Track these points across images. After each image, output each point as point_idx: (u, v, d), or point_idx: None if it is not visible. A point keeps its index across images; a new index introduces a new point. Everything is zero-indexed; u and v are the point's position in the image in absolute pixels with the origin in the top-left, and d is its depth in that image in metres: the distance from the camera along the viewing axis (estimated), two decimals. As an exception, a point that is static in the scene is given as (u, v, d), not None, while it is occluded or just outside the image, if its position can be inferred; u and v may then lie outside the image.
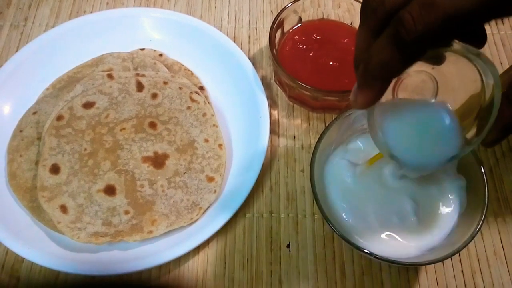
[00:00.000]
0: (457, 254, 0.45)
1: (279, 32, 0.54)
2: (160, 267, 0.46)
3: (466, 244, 0.39)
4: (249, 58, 0.55)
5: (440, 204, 0.43)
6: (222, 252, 0.47)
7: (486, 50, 0.60)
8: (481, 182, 0.41)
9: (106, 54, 0.57)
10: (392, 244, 0.41)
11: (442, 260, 0.39)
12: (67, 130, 0.49)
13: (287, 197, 0.50)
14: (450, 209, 0.43)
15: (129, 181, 0.48)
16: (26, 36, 0.61)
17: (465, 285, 0.46)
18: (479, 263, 0.47)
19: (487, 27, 0.60)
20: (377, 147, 0.39)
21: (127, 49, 0.57)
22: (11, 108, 0.53)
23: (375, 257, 0.39)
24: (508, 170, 0.52)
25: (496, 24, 0.62)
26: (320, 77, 0.51)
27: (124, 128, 0.50)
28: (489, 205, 0.40)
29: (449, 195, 0.43)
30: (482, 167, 0.41)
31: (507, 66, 0.55)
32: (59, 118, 0.50)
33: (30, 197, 0.47)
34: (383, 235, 0.42)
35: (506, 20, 0.62)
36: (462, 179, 0.43)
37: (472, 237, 0.39)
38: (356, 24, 0.55)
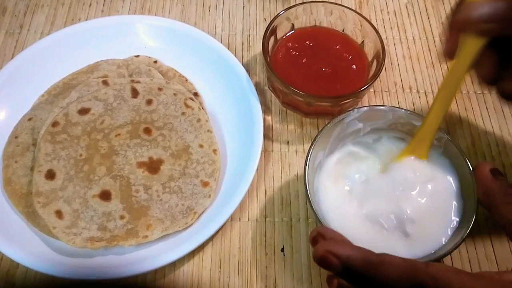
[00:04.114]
0: (449, 256, 0.45)
1: (272, 39, 0.55)
2: (155, 272, 0.46)
3: (457, 246, 0.39)
4: (243, 65, 0.56)
5: (434, 206, 0.44)
6: (217, 257, 0.47)
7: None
8: (471, 186, 0.42)
9: (101, 61, 0.57)
10: (384, 246, 0.42)
11: (434, 262, 0.39)
12: (62, 136, 0.50)
13: (281, 201, 0.51)
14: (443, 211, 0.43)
15: (124, 186, 0.48)
16: (21, 43, 0.61)
17: (456, 287, 0.46)
18: (470, 265, 0.47)
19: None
20: None
21: (122, 56, 0.58)
22: (6, 115, 0.53)
23: (368, 259, 0.39)
24: (498, 174, 0.52)
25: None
26: (313, 83, 0.52)
27: (119, 134, 0.51)
28: (479, 208, 0.40)
29: (442, 198, 0.44)
30: (471, 171, 0.42)
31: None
32: (55, 124, 0.50)
33: (26, 203, 0.47)
34: (375, 238, 0.42)
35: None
36: (454, 183, 0.44)
37: (462, 239, 0.39)
38: (347, 31, 0.56)
